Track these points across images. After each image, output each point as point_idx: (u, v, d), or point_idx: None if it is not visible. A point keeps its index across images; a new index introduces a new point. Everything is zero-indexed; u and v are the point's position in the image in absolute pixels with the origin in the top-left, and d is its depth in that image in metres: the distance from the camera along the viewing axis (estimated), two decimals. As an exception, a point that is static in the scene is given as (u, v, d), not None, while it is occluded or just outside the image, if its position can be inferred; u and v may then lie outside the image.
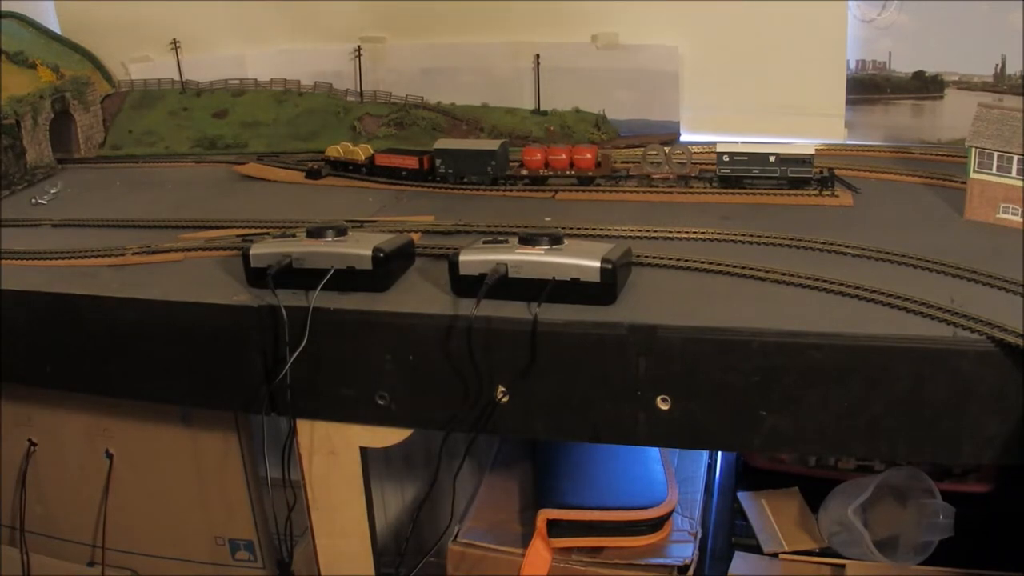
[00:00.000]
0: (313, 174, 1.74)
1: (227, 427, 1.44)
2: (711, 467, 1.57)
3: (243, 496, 1.48)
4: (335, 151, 1.74)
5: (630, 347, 1.08)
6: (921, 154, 1.64)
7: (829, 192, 1.45)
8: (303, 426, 1.26)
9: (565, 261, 1.13)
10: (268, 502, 1.46)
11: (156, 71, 2.04)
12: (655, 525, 1.34)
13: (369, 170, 1.70)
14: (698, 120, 1.81)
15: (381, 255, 1.20)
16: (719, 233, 1.32)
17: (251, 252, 1.24)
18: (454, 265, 1.17)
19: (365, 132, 1.93)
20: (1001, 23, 1.59)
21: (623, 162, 1.63)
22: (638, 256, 1.24)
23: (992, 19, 1.59)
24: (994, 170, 1.29)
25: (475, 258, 1.16)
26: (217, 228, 1.49)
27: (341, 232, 1.24)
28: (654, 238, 1.34)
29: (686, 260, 1.23)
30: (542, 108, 1.87)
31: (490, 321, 1.12)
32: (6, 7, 1.99)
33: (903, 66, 1.68)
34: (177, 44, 2.01)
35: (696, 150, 1.60)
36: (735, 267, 1.20)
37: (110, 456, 1.53)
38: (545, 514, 1.33)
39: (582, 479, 1.41)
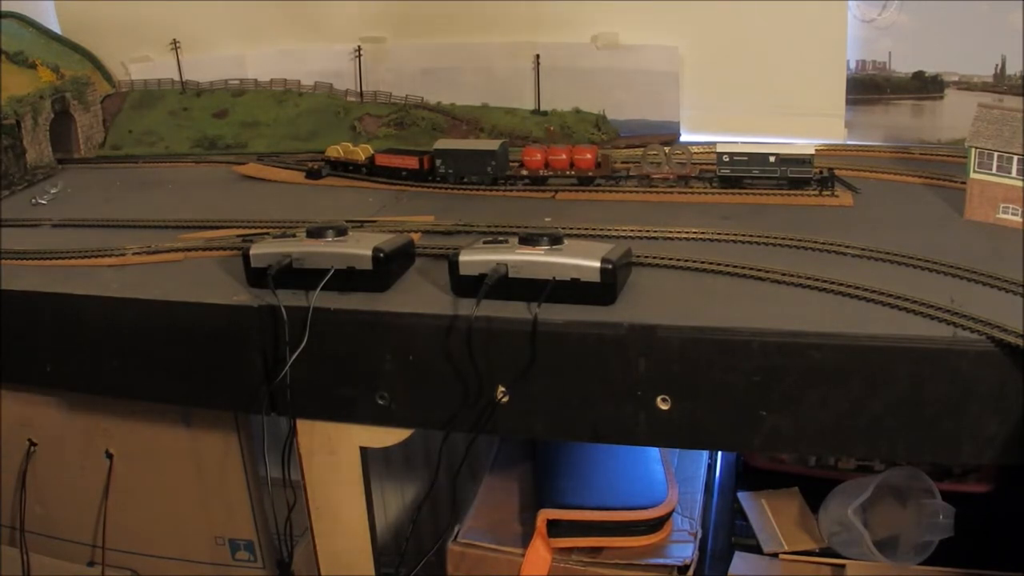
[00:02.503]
0: (313, 174, 1.74)
1: (227, 427, 1.44)
2: (711, 467, 1.57)
3: (243, 496, 1.48)
4: (335, 151, 1.74)
5: (630, 347, 1.08)
6: (921, 154, 1.64)
7: (829, 192, 1.45)
8: (303, 426, 1.26)
9: (565, 261, 1.13)
10: (268, 502, 1.46)
11: (156, 71, 2.04)
12: (655, 525, 1.34)
13: (369, 170, 1.70)
14: (698, 120, 1.81)
15: (381, 255, 1.20)
16: (719, 233, 1.32)
17: (251, 252, 1.24)
18: (454, 265, 1.17)
19: (365, 132, 1.93)
20: (1001, 23, 1.58)
21: (623, 162, 1.63)
22: (638, 256, 1.24)
23: (992, 19, 1.59)
24: (994, 170, 1.29)
25: (475, 258, 1.16)
26: (217, 228, 1.49)
27: (341, 232, 1.24)
28: (654, 238, 1.34)
29: (686, 260, 1.23)
30: (542, 108, 1.87)
31: (490, 321, 1.12)
32: (6, 7, 1.99)
33: (903, 66, 1.68)
34: (177, 44, 2.01)
35: (696, 150, 1.60)
36: (735, 267, 1.20)
37: (110, 456, 1.52)
38: (545, 514, 1.33)
39: (582, 479, 1.41)
